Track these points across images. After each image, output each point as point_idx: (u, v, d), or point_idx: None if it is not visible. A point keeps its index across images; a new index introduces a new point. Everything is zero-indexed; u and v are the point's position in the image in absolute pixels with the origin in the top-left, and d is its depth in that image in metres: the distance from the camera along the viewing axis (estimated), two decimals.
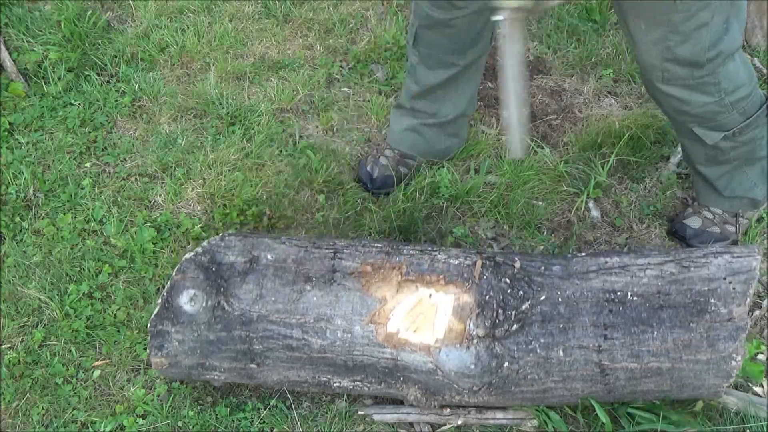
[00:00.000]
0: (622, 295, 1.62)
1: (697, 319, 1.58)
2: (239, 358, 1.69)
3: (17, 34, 2.63)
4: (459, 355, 1.60)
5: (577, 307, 1.62)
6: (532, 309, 1.62)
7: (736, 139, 1.94)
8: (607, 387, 1.63)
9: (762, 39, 2.68)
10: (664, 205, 2.26)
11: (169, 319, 1.68)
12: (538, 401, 1.69)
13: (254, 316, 1.66)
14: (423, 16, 2.01)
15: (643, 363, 1.59)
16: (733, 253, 1.64)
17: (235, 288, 1.68)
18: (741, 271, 1.61)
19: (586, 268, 1.67)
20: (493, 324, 1.60)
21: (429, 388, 1.66)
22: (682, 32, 1.71)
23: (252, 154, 2.32)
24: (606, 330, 1.60)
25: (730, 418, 1.75)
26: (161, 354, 1.70)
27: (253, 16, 2.81)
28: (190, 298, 1.66)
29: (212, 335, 1.68)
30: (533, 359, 1.60)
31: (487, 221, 2.20)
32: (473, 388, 1.63)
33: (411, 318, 1.63)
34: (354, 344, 1.64)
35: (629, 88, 2.59)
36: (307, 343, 1.65)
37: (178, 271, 1.69)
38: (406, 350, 1.63)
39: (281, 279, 1.68)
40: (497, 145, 2.39)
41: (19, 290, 2.00)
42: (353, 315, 1.64)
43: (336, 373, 1.68)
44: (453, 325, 1.62)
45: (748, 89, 1.88)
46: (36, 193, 2.22)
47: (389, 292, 1.65)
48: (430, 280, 1.65)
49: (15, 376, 1.86)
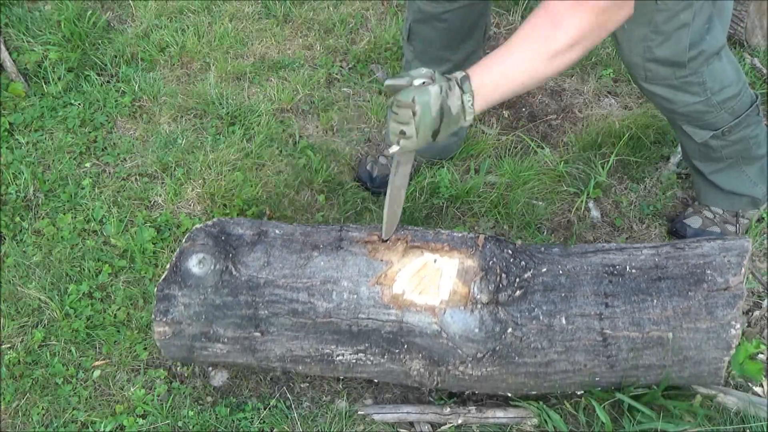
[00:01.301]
0: (620, 268, 1.66)
1: (695, 288, 1.61)
2: (244, 324, 1.69)
3: (17, 34, 2.63)
4: (463, 318, 1.62)
5: (578, 278, 1.65)
6: (533, 279, 1.65)
7: (726, 138, 1.95)
8: (610, 360, 1.63)
9: (762, 39, 2.68)
10: (664, 205, 2.26)
11: (177, 282, 1.69)
12: (541, 377, 1.67)
13: (261, 282, 1.68)
14: (416, 10, 2.02)
15: (644, 332, 1.61)
16: (725, 239, 1.70)
17: (243, 256, 1.70)
18: (734, 248, 1.66)
19: (584, 250, 1.72)
20: (496, 288, 1.62)
21: (433, 356, 1.65)
22: (663, 32, 1.72)
23: (252, 154, 2.32)
24: (607, 298, 1.63)
25: (730, 418, 1.75)
26: (166, 320, 1.69)
27: (253, 16, 2.81)
28: (199, 261, 1.68)
29: (218, 299, 1.68)
30: (536, 326, 1.62)
31: (487, 221, 2.21)
32: (477, 355, 1.63)
33: (416, 280, 1.66)
34: (360, 306, 1.65)
35: (629, 88, 2.59)
36: (312, 307, 1.66)
37: (188, 238, 1.72)
38: (411, 311, 1.64)
39: (288, 248, 1.71)
40: (497, 145, 2.39)
41: (19, 290, 2.00)
42: (359, 276, 1.66)
43: (340, 342, 1.68)
44: (457, 287, 1.63)
45: (736, 89, 1.88)
46: (36, 193, 2.22)
47: (395, 256, 1.68)
48: (435, 247, 1.68)
49: (15, 376, 1.86)
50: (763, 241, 2.14)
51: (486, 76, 1.53)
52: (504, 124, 2.48)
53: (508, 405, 1.79)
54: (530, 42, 1.52)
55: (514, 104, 2.55)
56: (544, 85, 2.60)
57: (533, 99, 2.56)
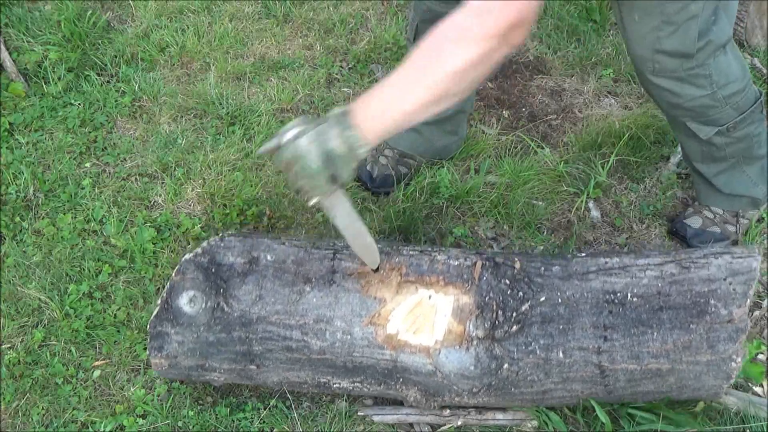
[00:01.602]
0: (622, 296, 1.62)
1: (697, 320, 1.58)
2: (239, 359, 1.69)
3: (17, 34, 2.63)
4: (458, 357, 1.60)
5: (577, 308, 1.62)
6: (531, 310, 1.61)
7: (730, 134, 1.95)
8: (607, 388, 1.63)
9: (762, 39, 2.68)
10: (664, 205, 2.26)
11: (169, 320, 1.68)
12: (537, 402, 1.69)
13: (254, 318, 1.66)
14: (424, 10, 2.01)
15: (643, 364, 1.59)
16: (733, 254, 1.64)
17: (234, 289, 1.68)
18: (741, 271, 1.61)
19: (585, 269, 1.67)
20: (492, 325, 1.60)
21: (429, 390, 1.66)
22: (674, 23, 1.73)
23: (252, 154, 2.32)
24: (606, 331, 1.60)
25: (730, 418, 1.74)
26: (161, 355, 1.70)
27: (253, 16, 2.81)
28: (190, 299, 1.66)
29: (212, 336, 1.68)
30: (533, 360, 1.60)
31: (487, 221, 2.20)
32: (473, 390, 1.63)
33: (410, 319, 1.63)
34: (354, 346, 1.64)
35: (629, 88, 2.59)
36: (306, 345, 1.65)
37: (178, 272, 1.69)
38: (406, 352, 1.62)
39: (281, 280, 1.68)
40: (497, 145, 2.39)
41: (19, 290, 2.00)
42: (353, 316, 1.64)
43: (335, 374, 1.68)
44: (452, 326, 1.61)
45: (741, 84, 1.89)
46: (36, 193, 2.22)
47: (389, 293, 1.65)
48: (429, 281, 1.65)
49: (15, 376, 1.86)
50: (763, 241, 2.14)
51: (367, 109, 1.49)
52: (504, 124, 2.48)
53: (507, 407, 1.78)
54: (413, 71, 1.47)
55: (514, 104, 2.55)
56: (544, 85, 2.60)
57: (533, 99, 2.56)
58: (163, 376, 1.77)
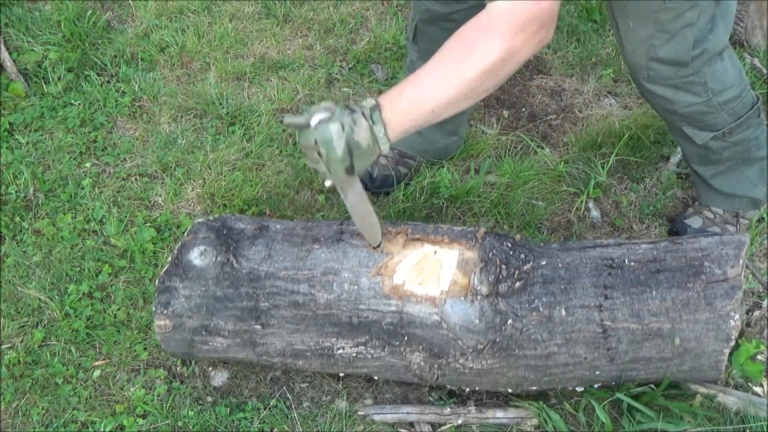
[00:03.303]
0: (619, 261, 1.67)
1: (694, 279, 1.62)
2: (244, 317, 1.70)
3: (17, 34, 2.63)
4: (463, 308, 1.62)
5: (577, 271, 1.66)
6: (533, 271, 1.65)
7: (726, 139, 1.95)
8: (610, 353, 1.63)
9: (762, 39, 2.68)
10: (664, 205, 2.26)
11: (178, 275, 1.70)
12: (541, 371, 1.67)
13: (262, 273, 1.69)
14: (423, 10, 2.02)
15: (644, 323, 1.61)
16: (722, 235, 1.71)
17: (244, 249, 1.72)
18: (731, 242, 1.67)
19: (583, 246, 1.74)
20: (496, 279, 1.62)
21: (433, 348, 1.65)
22: (668, 31, 1.72)
23: (252, 154, 2.32)
24: (606, 290, 1.63)
25: (730, 418, 1.75)
26: (167, 312, 1.70)
27: (253, 16, 2.81)
28: (201, 253, 1.69)
29: (219, 291, 1.69)
30: (536, 318, 1.62)
31: (487, 221, 2.21)
32: (477, 346, 1.63)
33: (416, 271, 1.66)
34: (360, 297, 1.65)
35: (629, 88, 2.59)
36: (313, 298, 1.67)
37: (190, 231, 1.74)
38: (412, 301, 1.64)
39: (290, 241, 1.73)
40: (497, 145, 2.39)
41: (19, 290, 2.00)
42: (360, 267, 1.67)
43: (340, 334, 1.68)
44: (457, 278, 1.64)
45: (737, 90, 1.88)
46: (36, 193, 2.22)
47: (395, 248, 1.68)
48: (435, 240, 1.69)
49: (15, 376, 1.86)
50: (763, 241, 2.14)
51: (396, 103, 1.50)
52: (504, 124, 2.48)
53: (508, 405, 1.79)
54: (442, 68, 1.49)
55: (514, 104, 2.55)
56: (544, 85, 2.61)
57: (533, 99, 2.57)
58: (165, 347, 1.76)
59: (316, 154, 1.50)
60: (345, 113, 1.49)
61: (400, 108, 1.50)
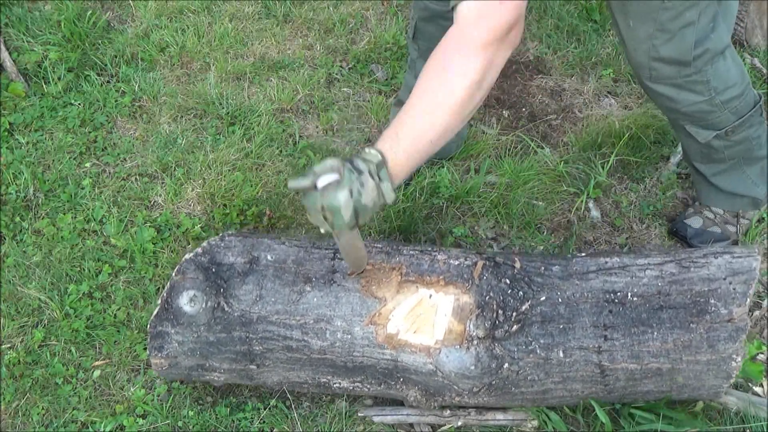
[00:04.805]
0: (622, 295, 1.62)
1: (697, 319, 1.58)
2: (239, 359, 1.69)
3: (17, 34, 2.63)
4: (459, 357, 1.60)
5: (577, 308, 1.62)
6: (532, 309, 1.62)
7: (729, 138, 1.95)
8: (607, 388, 1.63)
9: (762, 39, 2.68)
10: (664, 205, 2.26)
11: (169, 320, 1.68)
12: (538, 402, 1.69)
13: (254, 317, 1.66)
14: (422, 8, 2.02)
15: (643, 363, 1.59)
16: (733, 254, 1.64)
17: (234, 289, 1.68)
18: (741, 271, 1.61)
19: (585, 269, 1.67)
20: (493, 325, 1.60)
21: (429, 389, 1.66)
22: (668, 31, 1.72)
23: (252, 154, 2.32)
24: (606, 330, 1.60)
25: (730, 418, 1.74)
26: (161, 355, 1.70)
27: (253, 16, 2.81)
28: (190, 299, 1.66)
29: (212, 336, 1.68)
30: (533, 360, 1.60)
31: (487, 221, 2.20)
32: (473, 389, 1.63)
33: (411, 319, 1.63)
34: (354, 345, 1.64)
35: (629, 88, 2.59)
36: (307, 344, 1.65)
37: (178, 272, 1.69)
38: (406, 351, 1.63)
39: (281, 280, 1.68)
40: (497, 145, 2.39)
41: (19, 290, 2.00)
42: (353, 316, 1.64)
43: (336, 374, 1.69)
44: (453, 326, 1.61)
45: (739, 89, 1.88)
46: (36, 193, 2.22)
47: (389, 292, 1.65)
48: (430, 281, 1.65)
49: (15, 376, 1.86)
50: (764, 241, 2.14)
51: (398, 152, 1.47)
52: (504, 124, 2.48)
53: (508, 407, 1.78)
54: (429, 99, 1.47)
55: (514, 104, 2.55)
56: (544, 85, 2.60)
57: (533, 99, 2.56)
58: (163, 376, 1.77)
59: (321, 218, 1.47)
60: (353, 177, 1.45)
61: (402, 154, 1.48)
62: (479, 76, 1.44)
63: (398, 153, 1.48)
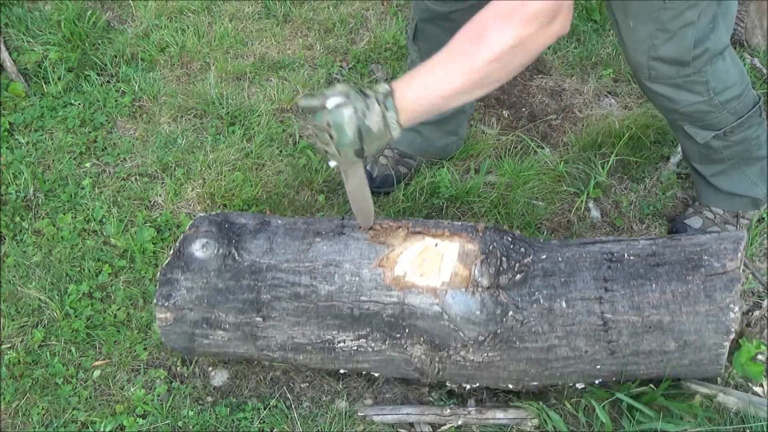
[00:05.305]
0: (619, 255, 1.68)
1: (693, 272, 1.62)
2: (246, 309, 1.70)
3: (17, 34, 2.63)
4: (464, 300, 1.62)
5: (577, 265, 1.67)
6: (533, 264, 1.66)
7: (728, 138, 1.95)
8: (611, 346, 1.63)
9: (762, 39, 2.68)
10: (664, 205, 2.26)
11: (180, 267, 1.70)
12: (542, 364, 1.67)
13: (263, 266, 1.70)
14: (423, 9, 2.02)
15: (644, 315, 1.61)
16: (720, 232, 1.74)
17: (246, 242, 1.73)
18: (729, 237, 1.68)
19: (582, 241, 1.76)
20: (497, 271, 1.62)
21: (434, 340, 1.65)
22: (668, 30, 1.72)
23: (252, 154, 2.32)
24: (606, 283, 1.64)
25: (730, 418, 1.75)
26: (168, 304, 1.70)
27: (253, 16, 2.81)
28: (202, 245, 1.70)
29: (221, 283, 1.70)
30: (537, 310, 1.62)
31: (487, 221, 2.20)
32: (479, 338, 1.63)
33: (417, 263, 1.67)
34: (362, 288, 1.66)
35: (629, 88, 2.59)
36: (314, 290, 1.67)
37: (192, 225, 1.75)
38: (413, 292, 1.64)
39: (291, 235, 1.74)
40: (497, 145, 2.39)
41: (19, 290, 2.00)
42: (361, 259, 1.68)
43: (341, 327, 1.68)
44: (458, 270, 1.64)
45: (739, 89, 1.88)
46: (36, 193, 2.22)
47: (396, 241, 1.70)
48: (436, 233, 1.70)
49: (15, 376, 1.86)
50: (763, 241, 2.14)
51: (407, 90, 1.53)
52: (504, 124, 2.48)
53: (507, 406, 1.79)
54: (451, 56, 1.51)
55: (514, 104, 2.55)
56: (544, 85, 2.61)
57: (533, 99, 2.57)
58: (166, 341, 1.75)
59: (327, 136, 1.54)
60: (359, 98, 1.52)
61: (411, 94, 1.52)
62: (508, 52, 1.46)
63: (408, 95, 1.52)
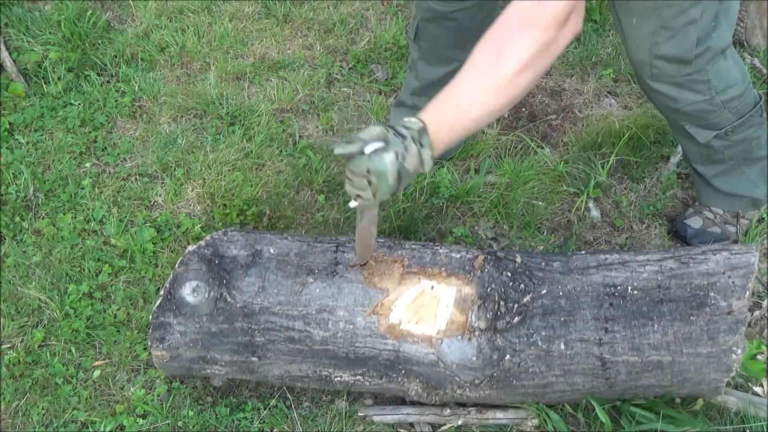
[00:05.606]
0: (622, 289, 1.63)
1: (697, 312, 1.59)
2: (241, 350, 1.69)
3: (17, 34, 2.63)
4: (461, 347, 1.61)
5: (578, 301, 1.63)
6: (533, 302, 1.63)
7: (729, 138, 1.95)
8: (608, 381, 1.63)
9: (762, 39, 2.68)
10: (664, 205, 2.26)
11: (171, 310, 1.68)
12: (539, 396, 1.68)
13: (256, 308, 1.67)
14: (425, 9, 2.02)
15: (644, 356, 1.60)
16: (731, 250, 1.66)
17: (237, 280, 1.69)
18: (740, 266, 1.62)
19: (586, 264, 1.68)
20: (494, 316, 1.60)
21: (430, 381, 1.66)
22: (671, 28, 1.72)
23: (252, 154, 2.32)
24: (607, 323, 1.61)
25: (730, 418, 1.75)
26: (162, 346, 1.69)
27: (253, 16, 2.81)
28: (193, 290, 1.67)
29: (214, 327, 1.68)
30: (534, 352, 1.61)
31: (487, 221, 2.20)
32: (475, 381, 1.63)
33: (413, 310, 1.64)
34: (356, 336, 1.64)
35: (629, 88, 2.59)
36: (309, 335, 1.65)
37: (181, 263, 1.70)
38: (408, 341, 1.63)
39: (283, 272, 1.69)
40: (497, 145, 2.39)
41: (19, 290, 2.00)
42: (355, 306, 1.65)
43: (337, 366, 1.68)
44: (455, 316, 1.62)
45: (740, 89, 1.88)
46: (36, 193, 2.22)
47: (391, 283, 1.66)
48: (432, 273, 1.66)
49: (15, 376, 1.86)
50: (763, 241, 2.14)
51: (441, 123, 1.49)
52: (504, 124, 2.48)
53: (508, 406, 1.78)
54: (478, 74, 1.48)
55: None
56: (544, 85, 2.60)
57: (533, 99, 2.56)
58: (164, 370, 1.76)
59: (366, 182, 1.49)
60: (397, 140, 1.47)
61: (445, 127, 1.49)
62: (535, 57, 1.45)
63: (441, 126, 1.49)
